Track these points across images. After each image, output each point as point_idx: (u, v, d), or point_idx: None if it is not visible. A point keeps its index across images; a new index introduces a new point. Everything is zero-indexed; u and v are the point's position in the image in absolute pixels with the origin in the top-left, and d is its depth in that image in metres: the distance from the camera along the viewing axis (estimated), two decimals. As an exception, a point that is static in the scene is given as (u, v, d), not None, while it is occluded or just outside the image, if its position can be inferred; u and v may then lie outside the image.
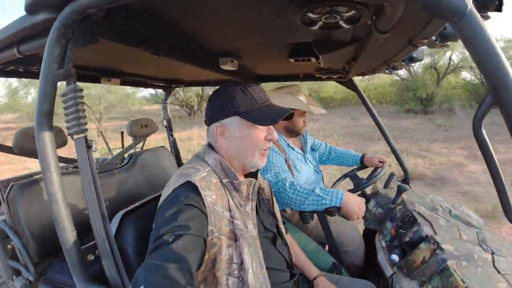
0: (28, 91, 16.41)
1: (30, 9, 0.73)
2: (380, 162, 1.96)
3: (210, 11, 0.82)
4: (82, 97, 0.78)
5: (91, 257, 0.90)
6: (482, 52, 0.45)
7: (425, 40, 0.90)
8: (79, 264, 0.82)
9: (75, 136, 0.78)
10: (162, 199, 0.88)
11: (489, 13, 0.65)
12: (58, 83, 0.79)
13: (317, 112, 1.84)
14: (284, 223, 1.24)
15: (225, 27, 0.98)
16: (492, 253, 1.01)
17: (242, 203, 0.93)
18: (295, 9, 0.73)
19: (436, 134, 8.78)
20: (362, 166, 2.05)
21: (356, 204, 1.36)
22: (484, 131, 0.48)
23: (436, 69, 14.10)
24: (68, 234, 0.81)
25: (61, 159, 2.01)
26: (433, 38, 0.91)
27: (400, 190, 1.52)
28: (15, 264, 1.40)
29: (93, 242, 0.86)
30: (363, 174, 1.99)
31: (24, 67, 1.29)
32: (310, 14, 0.75)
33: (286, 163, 1.69)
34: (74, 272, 0.82)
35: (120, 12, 0.78)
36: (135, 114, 18.05)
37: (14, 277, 1.44)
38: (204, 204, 0.82)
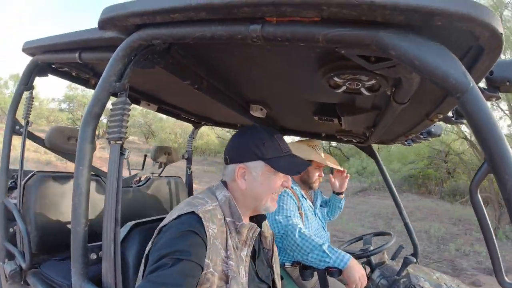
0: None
1: (103, 25, 0.85)
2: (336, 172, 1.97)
3: (250, 61, 0.96)
4: (129, 110, 0.89)
5: (93, 256, 0.92)
6: (481, 124, 0.51)
7: (441, 116, 0.98)
8: (82, 258, 0.85)
9: (112, 142, 0.88)
10: (165, 222, 0.90)
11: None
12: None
13: (333, 166, 1.90)
14: (282, 279, 1.20)
15: (261, 77, 1.12)
16: None
17: (239, 247, 0.93)
18: (324, 72, 0.85)
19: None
20: (337, 194, 2.04)
21: (359, 274, 1.32)
22: (479, 197, 0.52)
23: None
24: (81, 227, 0.86)
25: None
26: (450, 114, 0.98)
27: (406, 263, 1.46)
28: (11, 248, 1.41)
29: (97, 243, 0.90)
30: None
31: (77, 73, 1.43)
32: (336, 79, 0.86)
33: (299, 211, 1.69)
34: (75, 265, 0.85)
35: (178, 49, 0.94)
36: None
37: (6, 260, 1.44)
38: (206, 235, 0.83)
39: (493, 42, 0.53)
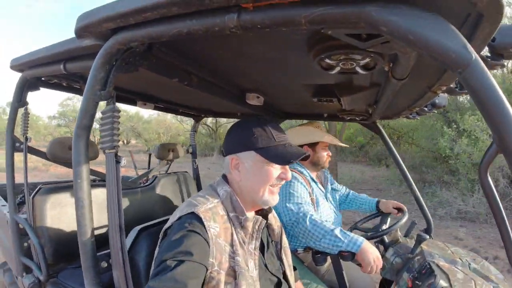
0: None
1: (79, 34, 0.83)
2: (395, 208, 1.86)
3: (237, 50, 0.91)
4: (119, 117, 0.87)
5: (104, 264, 0.94)
6: (487, 101, 0.46)
7: (444, 87, 0.92)
8: (92, 268, 0.86)
9: (106, 151, 0.86)
10: (168, 224, 0.90)
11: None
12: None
13: (341, 144, 1.90)
14: (295, 269, 1.18)
15: (253, 66, 1.07)
16: None
17: (246, 241, 0.92)
18: (314, 55, 0.80)
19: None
20: (378, 211, 1.96)
21: (373, 256, 1.28)
22: (489, 178, 0.48)
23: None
24: (88, 238, 0.86)
25: (91, 171, 2.13)
26: (453, 85, 0.92)
27: (419, 240, 1.43)
28: (28, 262, 1.45)
29: (107, 251, 0.91)
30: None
31: (67, 83, 1.43)
32: (328, 60, 0.81)
33: (310, 196, 1.66)
34: (87, 276, 0.85)
35: (160, 47, 0.89)
36: None
37: (24, 274, 1.48)
38: (207, 234, 0.83)
39: (492, 7, 0.47)
